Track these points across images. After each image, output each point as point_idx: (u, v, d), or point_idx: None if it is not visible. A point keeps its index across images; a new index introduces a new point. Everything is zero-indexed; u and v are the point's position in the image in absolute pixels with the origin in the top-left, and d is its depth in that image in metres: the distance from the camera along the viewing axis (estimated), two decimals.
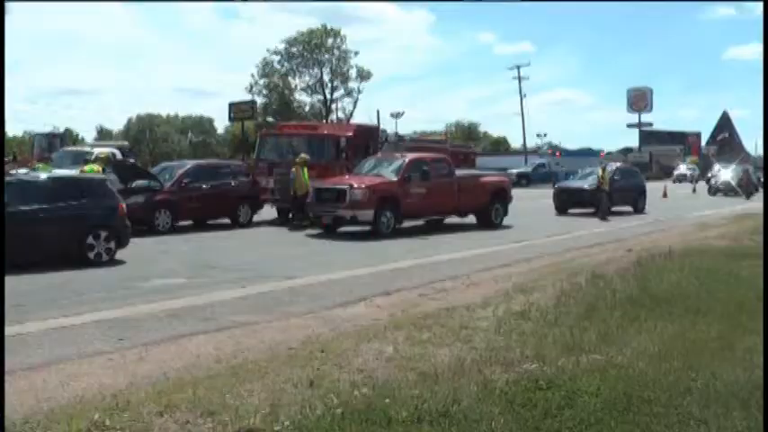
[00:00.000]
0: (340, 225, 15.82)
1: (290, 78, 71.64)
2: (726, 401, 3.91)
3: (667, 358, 4.82)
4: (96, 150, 20.94)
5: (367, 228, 15.48)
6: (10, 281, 8.52)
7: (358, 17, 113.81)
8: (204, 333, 6.46)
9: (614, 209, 23.10)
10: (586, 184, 23.30)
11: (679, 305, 6.57)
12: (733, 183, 37.46)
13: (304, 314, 7.28)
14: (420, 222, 17.21)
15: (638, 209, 24.01)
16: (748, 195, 36.09)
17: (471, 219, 17.80)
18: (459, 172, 18.35)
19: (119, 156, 18.68)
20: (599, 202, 21.81)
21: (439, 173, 16.91)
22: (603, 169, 23.08)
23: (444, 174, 17.12)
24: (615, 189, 23.37)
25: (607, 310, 6.48)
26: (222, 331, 6.53)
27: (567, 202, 23.41)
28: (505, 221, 18.04)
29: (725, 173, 41.17)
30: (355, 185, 15.49)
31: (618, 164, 29.71)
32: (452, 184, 17.04)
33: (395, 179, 16.03)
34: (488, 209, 17.62)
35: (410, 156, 17.65)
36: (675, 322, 5.95)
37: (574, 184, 24.93)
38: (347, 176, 17.13)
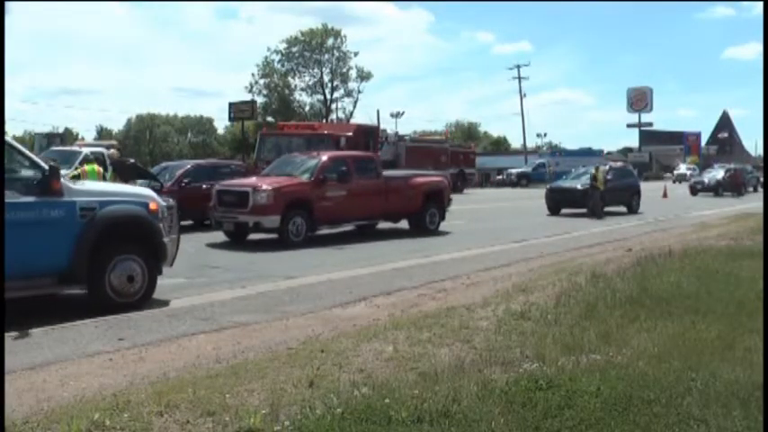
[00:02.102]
0: (244, 233, 14.08)
1: (290, 78, 71.76)
2: (726, 401, 3.91)
3: (667, 358, 4.82)
4: (86, 150, 20.82)
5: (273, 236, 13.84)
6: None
7: (357, 17, 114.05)
8: (204, 333, 6.46)
9: (608, 209, 23.10)
10: (579, 183, 23.24)
11: (679, 305, 6.57)
12: (711, 183, 37.41)
13: (304, 314, 7.28)
14: (350, 227, 15.79)
15: (633, 209, 23.98)
16: (738, 194, 36.13)
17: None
18: (388, 172, 17.05)
19: (109, 154, 18.50)
20: (591, 202, 21.80)
21: (363, 173, 15.39)
22: (597, 168, 23.08)
23: (369, 174, 15.58)
24: (608, 189, 23.37)
25: (607, 310, 6.48)
26: (222, 331, 6.53)
27: (559, 202, 23.37)
28: (490, 223, 17.69)
29: (706, 173, 41.27)
30: (259, 187, 13.88)
31: (611, 163, 29.74)
32: (379, 185, 15.48)
33: (308, 180, 14.47)
34: (422, 213, 16.20)
35: (327, 154, 16.17)
36: (675, 322, 5.95)
37: (566, 183, 24.88)
38: (254, 177, 15.85)
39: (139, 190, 8.93)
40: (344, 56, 71.41)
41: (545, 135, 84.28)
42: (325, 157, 15.32)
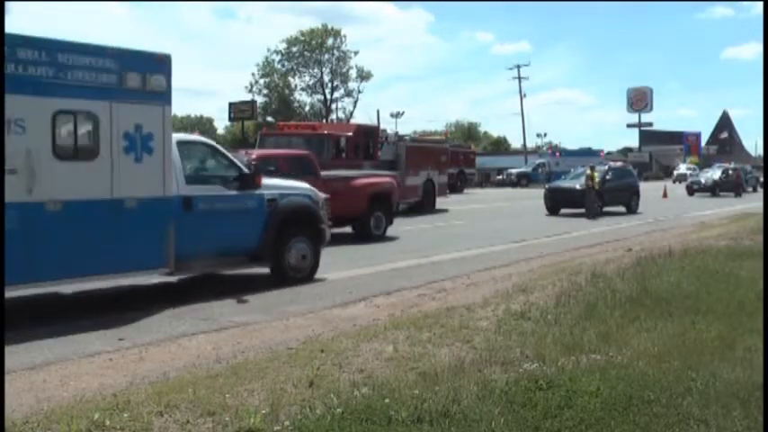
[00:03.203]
0: None
1: (290, 78, 71.76)
2: (726, 401, 3.91)
3: (667, 358, 4.82)
4: None
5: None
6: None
7: (357, 17, 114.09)
8: (204, 333, 6.46)
9: (607, 209, 23.10)
10: (578, 184, 23.22)
11: (679, 305, 6.57)
12: (708, 183, 37.42)
13: (304, 314, 7.28)
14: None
15: (632, 209, 23.97)
16: (736, 194, 36.14)
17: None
18: (329, 172, 15.65)
19: None
20: (588, 202, 21.82)
21: (297, 174, 13.37)
22: (592, 168, 23.08)
23: (306, 175, 13.60)
24: (607, 189, 23.37)
25: (607, 310, 6.48)
26: (222, 331, 6.53)
27: (558, 202, 23.35)
28: (490, 223, 17.50)
29: (703, 173, 41.30)
30: None
31: (610, 163, 29.73)
32: (316, 187, 12.73)
33: None
34: (366, 217, 14.79)
35: (257, 152, 15.08)
36: (675, 322, 5.95)
37: (565, 183, 24.86)
38: None
39: (306, 185, 10.56)
40: (344, 56, 71.44)
41: (545, 135, 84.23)
42: (254, 156, 14.11)
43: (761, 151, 78.21)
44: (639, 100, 77.74)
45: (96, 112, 7.43)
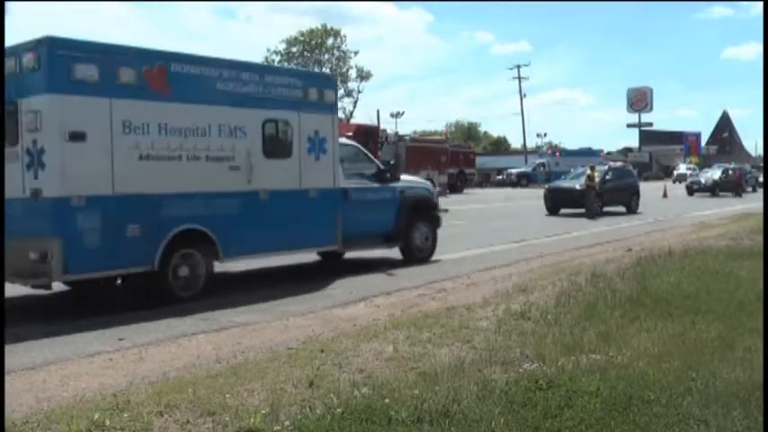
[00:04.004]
0: None
1: None
2: (726, 401, 3.91)
3: (667, 358, 4.81)
4: None
5: None
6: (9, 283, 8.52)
7: (356, 17, 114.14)
8: (204, 333, 6.46)
9: (607, 209, 23.09)
10: (578, 183, 23.19)
11: (679, 305, 6.57)
12: (708, 183, 37.41)
13: (304, 314, 7.28)
14: None
15: (632, 209, 23.95)
16: (736, 194, 36.15)
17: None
18: None
19: None
20: (588, 202, 21.81)
21: None
22: (592, 168, 23.06)
23: None
24: (607, 189, 23.34)
25: (607, 310, 6.47)
26: (222, 331, 6.53)
27: (558, 202, 23.33)
28: (490, 223, 17.70)
29: (703, 173, 41.30)
30: None
31: (610, 163, 29.72)
32: None
33: None
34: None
35: None
36: (675, 322, 5.95)
37: (565, 183, 24.84)
38: None
39: (424, 180, 13.14)
40: (344, 55, 71.41)
41: (545, 135, 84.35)
42: None
43: (761, 151, 78.21)
44: (639, 100, 77.77)
45: (290, 120, 9.36)
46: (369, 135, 22.54)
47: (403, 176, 11.90)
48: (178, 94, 7.99)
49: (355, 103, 71.89)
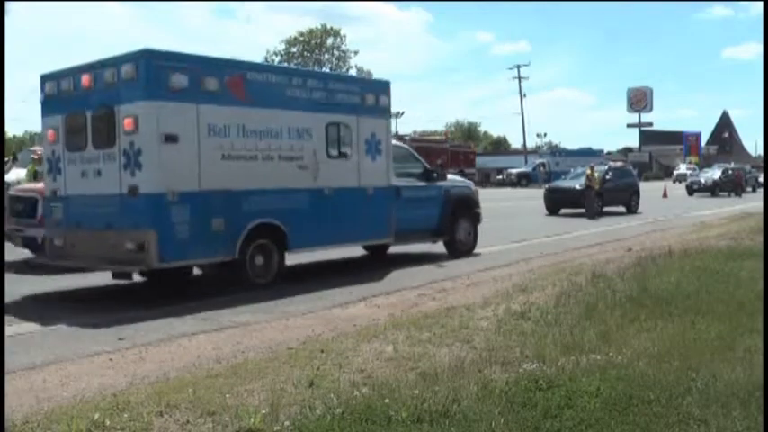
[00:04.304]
0: (38, 249, 10.57)
1: None
2: (726, 401, 3.91)
3: (667, 358, 4.81)
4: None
5: None
6: (9, 281, 8.54)
7: (356, 17, 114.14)
8: (204, 333, 6.46)
9: (607, 209, 23.08)
10: (577, 184, 23.18)
11: (679, 305, 6.56)
12: (708, 183, 37.42)
13: (304, 314, 7.28)
14: None
15: (632, 209, 23.94)
16: (736, 194, 36.16)
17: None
18: None
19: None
20: (588, 202, 21.81)
21: None
22: (592, 168, 23.06)
23: None
24: (607, 189, 23.33)
25: (607, 310, 6.47)
26: (222, 331, 6.53)
27: (558, 202, 23.32)
28: (490, 223, 17.67)
29: (703, 173, 41.32)
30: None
31: (610, 163, 29.71)
32: None
33: None
34: None
35: None
36: (675, 322, 5.94)
37: (565, 184, 24.83)
38: None
39: (465, 179, 14.38)
40: (344, 55, 71.47)
41: (545, 135, 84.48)
42: None
43: (761, 151, 78.23)
44: (639, 100, 77.78)
45: (350, 124, 10.15)
46: None
47: (448, 176, 13.04)
48: (254, 99, 8.84)
49: None
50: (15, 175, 16.27)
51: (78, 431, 3.74)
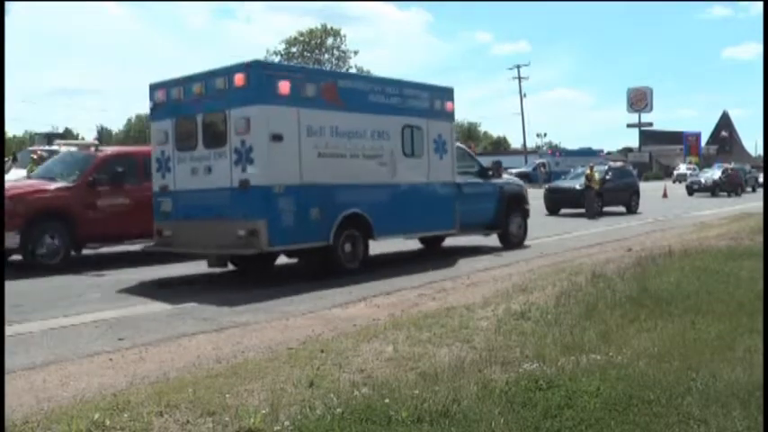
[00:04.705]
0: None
1: None
2: (726, 401, 3.91)
3: (667, 358, 4.81)
4: (64, 149, 20.69)
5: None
6: (9, 282, 8.54)
7: (355, 17, 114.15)
8: (204, 333, 6.46)
9: (607, 209, 23.07)
10: (577, 183, 23.17)
11: (679, 305, 6.56)
12: (708, 183, 37.41)
13: (304, 314, 7.28)
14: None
15: (632, 209, 23.93)
16: (735, 194, 36.17)
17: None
18: None
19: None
20: (587, 202, 21.80)
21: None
22: (591, 168, 23.05)
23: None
24: (607, 189, 23.31)
25: (607, 310, 6.47)
26: (222, 331, 6.53)
27: (558, 202, 23.31)
28: None
29: (703, 173, 41.33)
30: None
31: (610, 163, 29.71)
32: (142, 195, 11.49)
33: (71, 184, 11.34)
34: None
35: (108, 150, 12.94)
36: (675, 322, 5.94)
37: (564, 183, 24.82)
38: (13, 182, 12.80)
39: (516, 178, 16.22)
40: (344, 55, 71.47)
41: (545, 135, 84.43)
42: (102, 155, 12.25)
43: (761, 151, 78.22)
44: (639, 100, 77.74)
45: (421, 126, 11.31)
46: None
47: (504, 175, 14.35)
48: (344, 104, 10.01)
49: None
50: (15, 175, 16.30)
51: (78, 431, 3.74)
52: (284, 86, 9.23)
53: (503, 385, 4.28)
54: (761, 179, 44.71)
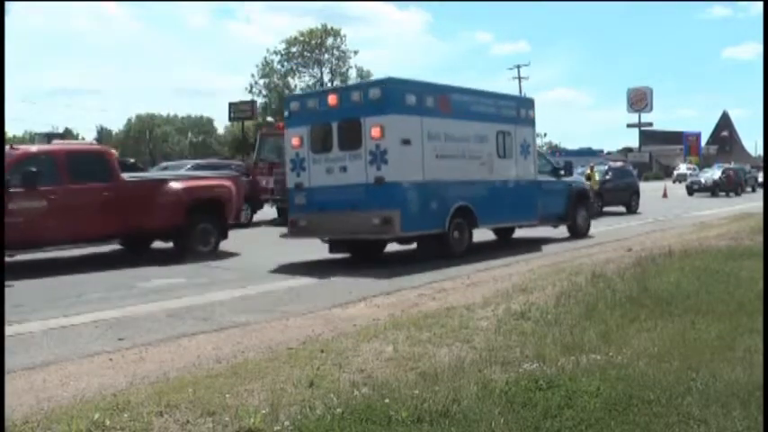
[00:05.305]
0: None
1: (289, 78, 71.67)
2: (726, 401, 3.90)
3: (667, 358, 4.81)
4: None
5: None
6: (10, 281, 8.54)
7: (355, 17, 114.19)
8: (204, 333, 6.46)
9: (607, 209, 23.05)
10: None
11: (679, 305, 6.56)
12: (708, 183, 37.40)
13: (304, 314, 7.28)
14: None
15: (632, 209, 23.90)
16: (735, 194, 36.15)
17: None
18: (134, 174, 13.37)
19: None
20: None
21: (83, 176, 11.33)
22: (591, 168, 23.04)
23: (96, 176, 11.47)
24: (607, 189, 23.29)
25: (607, 310, 6.47)
26: (222, 331, 6.53)
27: None
28: None
29: (703, 173, 41.30)
30: None
31: (610, 163, 29.70)
32: (107, 193, 11.44)
33: None
34: (186, 231, 12.30)
35: (22, 149, 11.91)
36: (675, 322, 5.94)
37: None
38: None
39: (581, 177, 19.14)
40: (344, 55, 71.44)
41: (545, 135, 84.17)
42: (16, 153, 11.27)
43: (761, 151, 78.19)
44: (639, 100, 77.66)
45: (511, 132, 13.18)
46: None
47: (573, 175, 16.57)
48: (455, 113, 11.94)
49: None
50: None
51: (78, 431, 3.74)
52: (410, 99, 11.12)
53: (503, 385, 4.28)
54: (761, 179, 44.67)
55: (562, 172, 15.20)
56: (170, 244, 12.76)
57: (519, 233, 14.96)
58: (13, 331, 6.54)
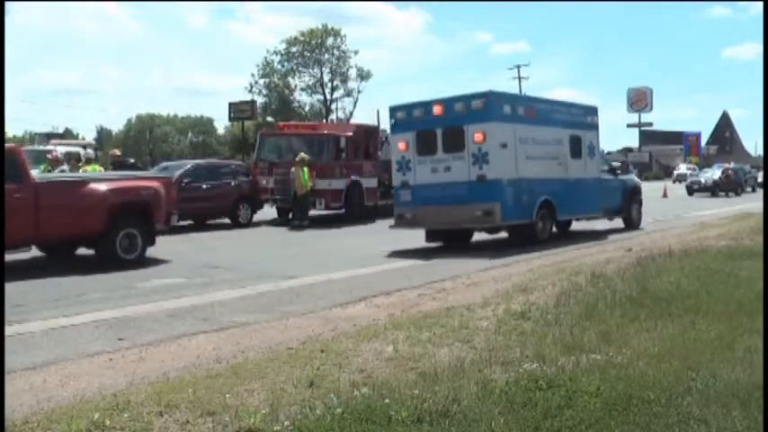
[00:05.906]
0: None
1: (289, 78, 71.69)
2: (726, 401, 3.90)
3: (667, 358, 4.81)
4: (62, 149, 20.72)
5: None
6: (9, 282, 8.54)
7: (355, 17, 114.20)
8: (204, 333, 6.46)
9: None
10: None
11: (679, 305, 6.56)
12: (708, 183, 37.39)
13: (304, 314, 7.27)
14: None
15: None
16: (735, 194, 36.13)
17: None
18: (48, 175, 12.54)
19: (88, 154, 18.00)
20: None
21: None
22: None
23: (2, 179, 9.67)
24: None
25: (607, 310, 6.47)
26: (222, 331, 6.53)
27: None
28: None
29: (703, 173, 41.28)
30: None
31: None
32: (20, 196, 10.12)
33: None
34: (108, 236, 11.05)
35: None
36: (675, 322, 5.94)
37: None
38: None
39: (634, 175, 20.51)
40: (344, 55, 71.44)
41: None
42: None
43: (761, 151, 78.16)
44: (639, 100, 77.58)
45: (580, 136, 15.07)
46: (369, 135, 22.44)
47: (627, 174, 19.09)
48: (538, 120, 13.84)
49: (355, 103, 71.86)
50: None
51: (78, 431, 3.74)
52: (506, 108, 13.20)
53: (503, 385, 4.28)
54: (761, 179, 44.65)
55: (618, 171, 17.56)
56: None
57: (576, 226, 16.39)
58: (13, 331, 6.53)
